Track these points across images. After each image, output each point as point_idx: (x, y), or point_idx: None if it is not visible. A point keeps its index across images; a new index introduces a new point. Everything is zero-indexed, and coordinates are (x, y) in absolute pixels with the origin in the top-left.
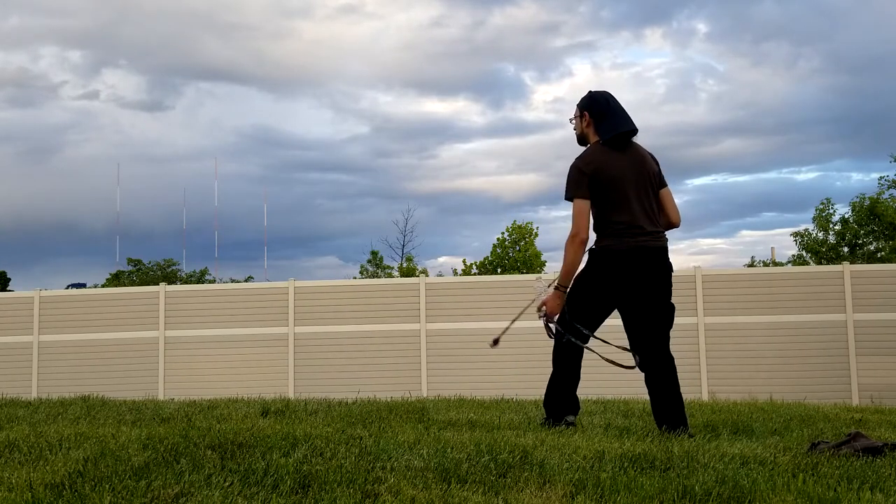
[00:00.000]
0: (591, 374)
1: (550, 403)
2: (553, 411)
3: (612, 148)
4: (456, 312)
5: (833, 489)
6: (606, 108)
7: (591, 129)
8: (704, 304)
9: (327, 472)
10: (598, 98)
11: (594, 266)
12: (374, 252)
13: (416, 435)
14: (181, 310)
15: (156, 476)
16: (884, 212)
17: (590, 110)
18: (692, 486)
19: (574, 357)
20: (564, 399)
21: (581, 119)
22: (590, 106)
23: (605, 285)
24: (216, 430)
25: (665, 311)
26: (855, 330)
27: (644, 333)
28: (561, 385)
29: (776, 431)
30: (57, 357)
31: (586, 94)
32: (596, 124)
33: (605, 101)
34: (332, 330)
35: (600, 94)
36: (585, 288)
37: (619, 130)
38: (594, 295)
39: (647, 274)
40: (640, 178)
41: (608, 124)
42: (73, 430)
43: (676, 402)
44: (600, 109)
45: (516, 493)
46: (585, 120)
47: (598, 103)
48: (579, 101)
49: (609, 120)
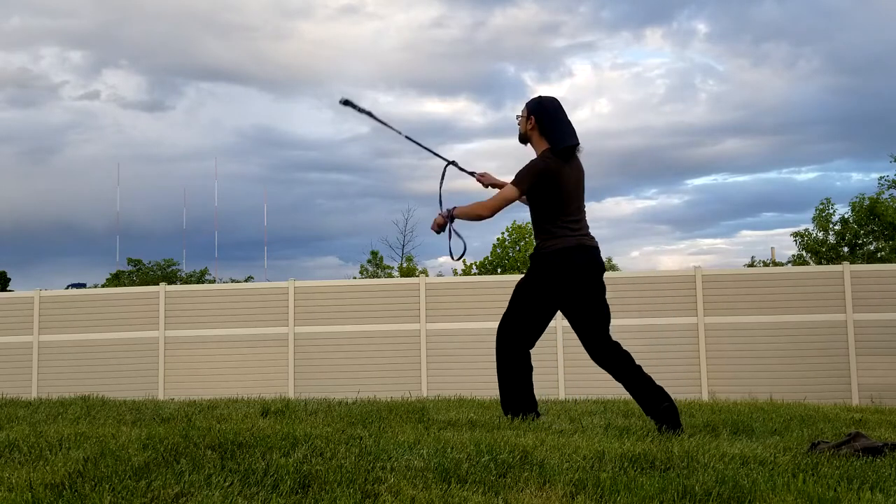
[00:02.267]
0: (592, 374)
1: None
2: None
3: (564, 158)
4: (456, 312)
5: (833, 489)
6: (555, 117)
7: (535, 133)
8: (704, 304)
9: (327, 472)
10: (548, 106)
11: (548, 267)
12: (374, 252)
13: (416, 435)
14: (181, 310)
15: (156, 476)
16: (884, 212)
17: (537, 115)
18: (692, 486)
19: (519, 359)
20: (521, 400)
21: (527, 121)
22: (538, 112)
23: (556, 286)
24: (216, 430)
25: (606, 306)
26: (855, 330)
27: (596, 329)
28: (511, 386)
29: (776, 431)
30: (57, 357)
31: (536, 99)
32: (542, 130)
33: (555, 109)
34: (332, 330)
35: (550, 101)
36: (537, 293)
37: (570, 144)
38: (544, 299)
39: (595, 270)
40: (582, 190)
41: (558, 135)
42: (73, 430)
43: (651, 384)
44: (549, 117)
45: (516, 493)
46: (531, 123)
47: (547, 111)
48: (528, 103)
49: (558, 130)
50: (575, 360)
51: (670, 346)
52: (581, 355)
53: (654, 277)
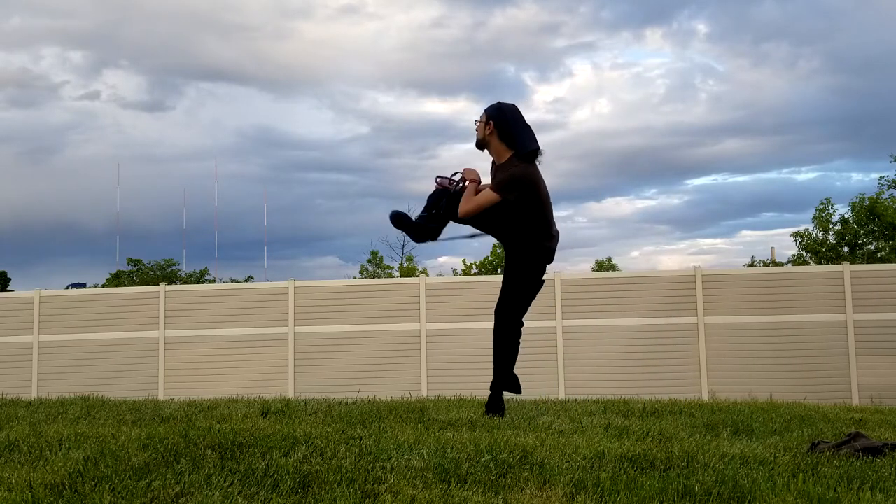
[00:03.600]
0: (592, 374)
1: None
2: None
3: (529, 161)
4: (456, 312)
5: (833, 489)
6: (515, 122)
7: (494, 139)
8: (704, 304)
9: (327, 472)
10: (507, 111)
11: (538, 260)
12: (374, 252)
13: (416, 435)
14: (181, 310)
15: (156, 476)
16: (884, 212)
17: (497, 120)
18: (692, 486)
19: (518, 334)
20: (513, 378)
21: (485, 126)
22: (498, 117)
23: (540, 275)
24: (216, 430)
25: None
26: (855, 330)
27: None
28: (510, 363)
29: (776, 431)
30: (57, 357)
31: (495, 104)
32: (502, 135)
33: (514, 114)
34: (332, 330)
35: (509, 107)
36: (531, 278)
37: (534, 148)
38: (535, 282)
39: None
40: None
41: (521, 139)
42: (73, 430)
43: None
44: (509, 122)
45: (516, 493)
46: (489, 128)
47: (507, 116)
48: (487, 108)
49: (521, 135)
50: (575, 360)
51: (670, 346)
52: (581, 355)
53: (654, 277)
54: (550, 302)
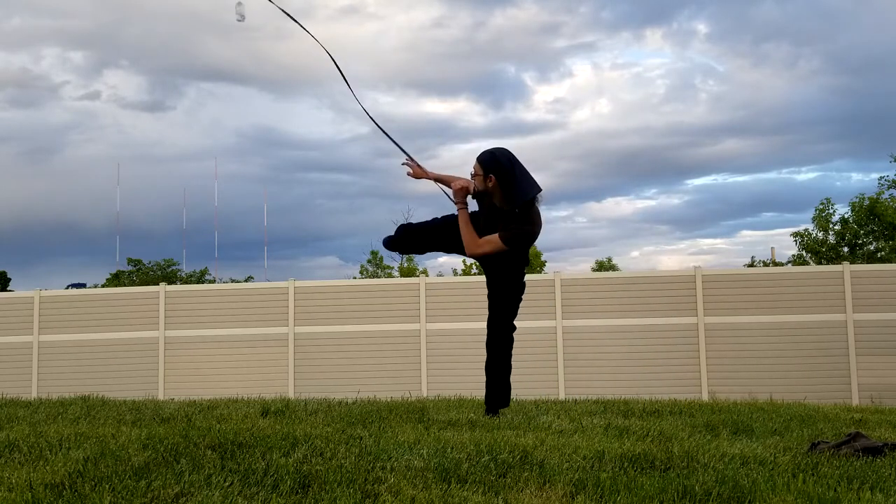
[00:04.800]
0: (592, 373)
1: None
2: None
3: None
4: (456, 312)
5: (833, 489)
6: (513, 169)
7: (497, 189)
8: (704, 304)
9: (327, 472)
10: (503, 160)
11: (520, 270)
12: (374, 252)
13: (416, 435)
14: (181, 310)
15: (156, 476)
16: (884, 212)
17: (496, 172)
18: (692, 486)
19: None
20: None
21: (485, 179)
22: (495, 169)
23: (522, 277)
24: (216, 430)
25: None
26: (855, 330)
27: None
28: (504, 374)
29: (776, 431)
30: (57, 357)
31: (488, 154)
32: (503, 185)
33: (510, 161)
34: (332, 330)
35: (503, 154)
36: (517, 284)
37: (535, 194)
38: (521, 286)
39: None
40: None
41: (523, 187)
42: (73, 430)
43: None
44: (508, 171)
45: (516, 493)
46: (491, 180)
47: (504, 165)
48: (481, 159)
49: (523, 182)
50: (575, 360)
51: (670, 346)
52: (581, 355)
53: (654, 277)
54: (550, 302)
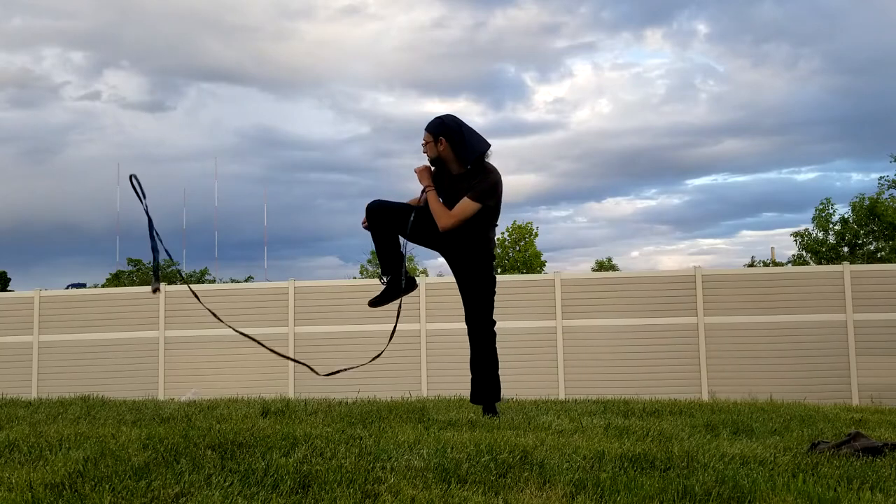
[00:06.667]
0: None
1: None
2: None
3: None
4: (456, 312)
5: (833, 489)
6: (461, 129)
7: (449, 153)
8: (704, 304)
9: (327, 472)
10: (451, 123)
11: (490, 256)
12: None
13: (416, 435)
14: (181, 310)
15: (156, 476)
16: (884, 212)
17: (446, 135)
18: (692, 486)
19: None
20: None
21: (437, 144)
22: (444, 131)
23: (493, 269)
24: (216, 430)
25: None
26: (855, 330)
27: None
28: (492, 369)
29: (776, 431)
30: (57, 357)
31: (437, 121)
32: (454, 146)
33: (458, 123)
34: (332, 330)
35: (449, 117)
36: (490, 275)
37: (486, 148)
38: (493, 278)
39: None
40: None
41: (473, 144)
42: (73, 430)
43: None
44: (456, 132)
45: (516, 493)
46: (442, 144)
47: (452, 127)
48: (430, 127)
49: (472, 140)
50: (575, 360)
51: (670, 346)
52: (581, 355)
53: (654, 277)
54: (550, 302)
